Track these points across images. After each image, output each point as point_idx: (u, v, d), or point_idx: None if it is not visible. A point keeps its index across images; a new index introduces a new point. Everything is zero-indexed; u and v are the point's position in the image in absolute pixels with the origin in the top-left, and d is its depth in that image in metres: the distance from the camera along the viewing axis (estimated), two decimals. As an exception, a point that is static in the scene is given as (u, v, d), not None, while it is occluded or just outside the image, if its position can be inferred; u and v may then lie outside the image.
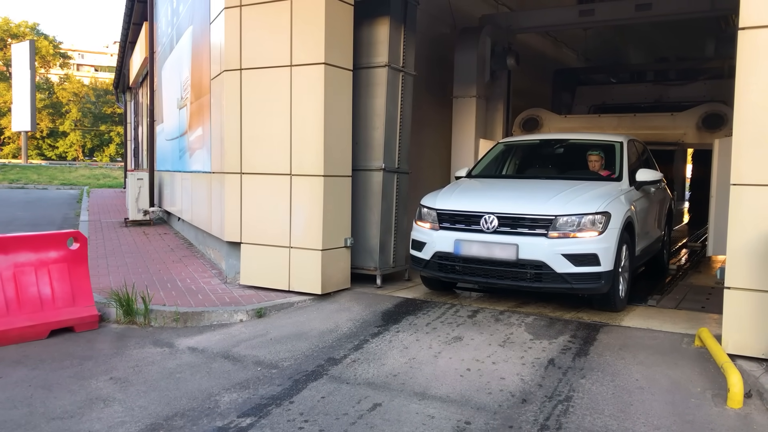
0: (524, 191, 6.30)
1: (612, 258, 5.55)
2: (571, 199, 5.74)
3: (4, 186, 27.22)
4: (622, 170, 6.58)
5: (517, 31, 10.72)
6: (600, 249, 5.48)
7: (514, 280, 5.67)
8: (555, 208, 5.61)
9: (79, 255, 5.65)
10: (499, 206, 5.81)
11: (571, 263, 5.44)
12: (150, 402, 3.96)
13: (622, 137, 7.10)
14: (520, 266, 5.58)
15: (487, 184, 6.86)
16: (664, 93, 13.07)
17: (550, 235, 5.52)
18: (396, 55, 7.16)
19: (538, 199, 5.83)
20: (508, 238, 5.61)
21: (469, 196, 6.38)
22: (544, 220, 5.57)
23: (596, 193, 5.90)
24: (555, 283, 5.52)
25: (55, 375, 4.42)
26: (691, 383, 4.27)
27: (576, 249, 5.47)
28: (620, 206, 5.84)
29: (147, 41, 13.91)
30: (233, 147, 6.98)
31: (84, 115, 65.90)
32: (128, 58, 21.47)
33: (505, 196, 6.21)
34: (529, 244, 5.53)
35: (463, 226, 5.92)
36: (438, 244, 6.00)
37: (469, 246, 5.77)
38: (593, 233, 5.52)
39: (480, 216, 5.79)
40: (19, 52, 46.42)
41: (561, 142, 7.80)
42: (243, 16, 6.82)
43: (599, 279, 5.49)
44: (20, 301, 5.20)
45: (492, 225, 5.70)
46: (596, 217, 5.55)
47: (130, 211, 12.99)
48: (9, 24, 64.10)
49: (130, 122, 26.19)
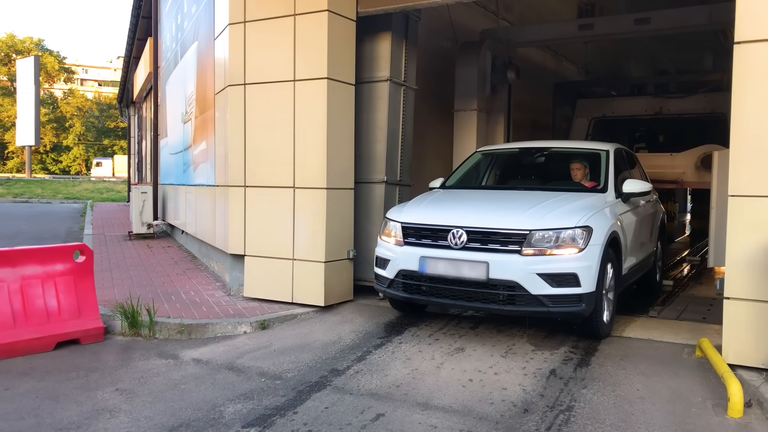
0: (498, 203, 5.81)
1: (594, 278, 5.01)
2: (549, 211, 5.21)
3: (9, 200, 27.36)
4: (607, 181, 6.06)
5: (517, 45, 10.83)
6: (580, 268, 4.93)
7: (484, 302, 5.10)
8: (530, 222, 5.07)
9: (85, 268, 5.71)
10: (469, 219, 5.27)
11: (547, 284, 4.89)
12: (155, 413, 4.00)
13: (609, 145, 6.61)
14: (491, 287, 5.00)
15: (459, 195, 6.27)
16: (664, 105, 13.17)
17: (525, 252, 4.97)
18: (397, 69, 7.26)
19: (512, 211, 5.33)
20: (477, 255, 5.06)
21: (438, 208, 5.83)
22: (518, 235, 5.02)
23: (577, 206, 5.37)
24: (530, 306, 4.95)
25: (61, 386, 4.46)
26: (691, 393, 4.30)
27: (553, 268, 4.92)
28: (604, 220, 5.32)
29: (151, 56, 14.07)
30: (237, 160, 7.07)
31: (87, 130, 66.24)
32: (132, 73, 21.66)
33: (477, 208, 5.66)
34: (501, 262, 4.98)
35: (430, 241, 5.36)
36: (402, 262, 5.43)
37: (435, 264, 5.20)
38: (573, 250, 4.97)
39: (447, 230, 5.25)
40: (24, 68, 46.83)
41: (542, 151, 7.17)
42: (247, 32, 6.93)
43: (579, 301, 4.94)
44: (27, 314, 5.25)
45: (460, 240, 5.16)
46: (576, 232, 5.01)
47: (134, 224, 13.07)
48: (14, 40, 64.65)
49: (133, 136, 26.34)
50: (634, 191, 6.08)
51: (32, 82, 45.54)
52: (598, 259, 5.05)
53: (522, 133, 11.95)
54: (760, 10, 4.48)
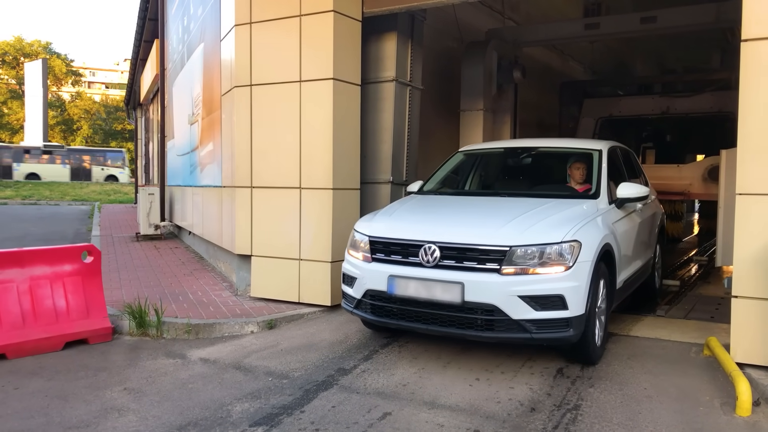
0: (476, 213, 5.20)
1: (584, 299, 4.44)
2: (532, 224, 4.63)
3: (17, 202, 27.52)
4: (599, 185, 5.49)
5: (523, 45, 10.82)
6: (568, 288, 4.36)
7: (459, 327, 4.49)
8: (510, 237, 4.49)
9: (93, 268, 5.75)
10: (442, 233, 4.70)
11: (530, 307, 4.32)
12: (163, 412, 4.02)
13: (602, 144, 6.08)
14: (467, 310, 4.42)
15: (435, 203, 5.76)
16: (671, 105, 13.13)
17: (504, 271, 4.38)
18: (403, 69, 7.27)
19: (491, 224, 4.74)
20: (451, 275, 4.48)
21: (409, 219, 5.29)
22: (497, 251, 4.44)
23: (564, 216, 4.80)
24: (510, 333, 4.37)
25: (70, 385, 4.49)
26: (699, 392, 4.29)
27: (537, 289, 4.34)
28: (595, 232, 4.74)
29: (158, 58, 14.12)
30: (243, 161, 7.09)
31: (95, 132, 66.52)
32: (139, 75, 21.77)
33: (452, 219, 5.12)
34: (478, 282, 4.40)
35: (400, 258, 4.78)
36: (369, 281, 4.85)
37: (406, 284, 4.62)
38: (559, 268, 4.39)
39: (419, 246, 4.67)
40: (32, 71, 47.14)
41: (528, 151, 6.61)
42: (253, 33, 6.95)
43: (567, 326, 4.37)
44: (36, 314, 5.29)
45: (433, 257, 4.59)
46: (563, 248, 4.43)
47: (142, 225, 13.12)
48: (22, 43, 65.03)
49: (140, 138, 26.48)
50: (629, 196, 5.50)
51: (40, 85, 45.84)
52: (588, 278, 4.48)
53: (528, 132, 11.95)
54: (767, 7, 4.46)
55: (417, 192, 6.14)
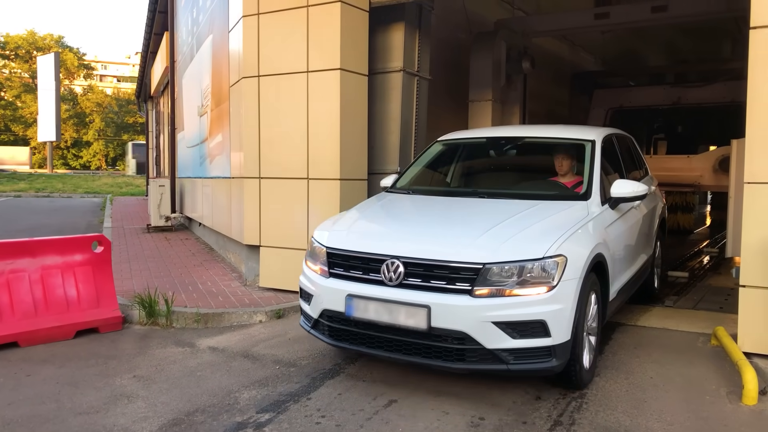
0: (449, 220, 4.56)
1: (569, 323, 3.82)
2: (511, 235, 3.98)
3: (31, 195, 27.81)
4: (591, 183, 4.78)
5: (532, 35, 10.77)
6: (550, 313, 3.74)
7: (425, 356, 3.88)
8: (484, 251, 3.84)
9: (103, 258, 5.81)
10: (408, 246, 4.06)
11: (506, 335, 3.71)
12: (172, 398, 4.07)
13: (595, 133, 5.35)
14: (434, 338, 3.81)
15: (405, 205, 5.14)
16: (682, 95, 13.04)
17: (477, 292, 3.75)
18: (411, 59, 7.26)
19: (463, 235, 4.10)
20: (417, 296, 3.86)
21: (373, 227, 4.70)
22: (468, 269, 3.80)
23: (548, 225, 4.16)
24: (484, 364, 3.77)
25: (81, 373, 4.56)
26: (706, 381, 4.29)
27: (514, 314, 3.72)
28: (584, 242, 4.12)
29: (168, 51, 14.18)
30: (252, 152, 7.13)
31: (107, 125, 66.97)
32: (149, 67, 21.86)
33: (420, 229, 4.49)
34: (446, 306, 3.77)
35: (360, 274, 4.13)
36: (326, 299, 4.23)
37: (365, 305, 3.99)
38: (541, 289, 3.76)
39: (381, 261, 4.03)
40: (45, 65, 47.45)
41: (513, 141, 5.93)
42: (261, 24, 6.97)
43: (549, 356, 3.77)
44: (48, 303, 5.36)
45: (396, 275, 3.95)
46: (546, 264, 3.79)
47: (152, 217, 13.23)
48: (35, 37, 65.50)
49: (151, 131, 26.62)
50: (625, 195, 4.80)
51: (53, 79, 46.14)
52: (574, 299, 3.86)
53: (538, 123, 11.90)
54: (776, -6, 4.42)
55: (390, 188, 5.51)
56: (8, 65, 66.22)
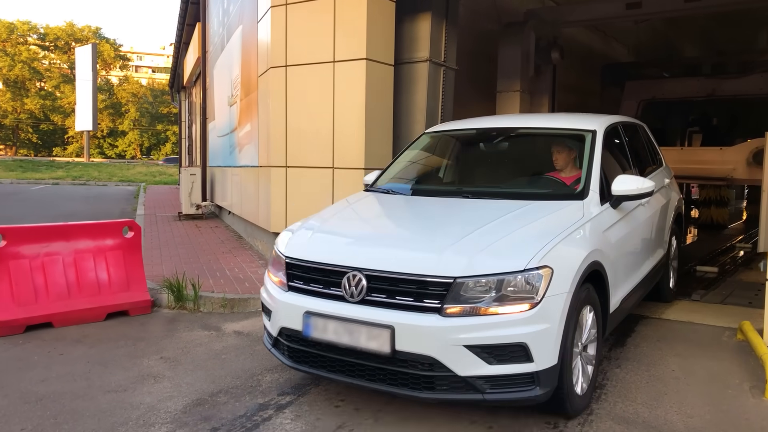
0: (423, 225, 4.12)
1: (555, 345, 3.27)
2: (488, 243, 3.42)
3: (68, 182, 28.57)
4: (589, 180, 4.20)
5: (562, 26, 10.65)
6: (533, 334, 3.19)
7: (391, 384, 3.33)
8: (455, 263, 3.28)
9: (134, 243, 5.97)
10: (373, 256, 3.54)
11: (481, 360, 3.17)
12: (196, 379, 4.19)
13: (598, 122, 4.73)
14: (399, 363, 3.27)
15: (380, 206, 4.63)
16: (717, 87, 12.72)
17: (448, 310, 3.20)
18: (437, 49, 7.26)
19: (435, 243, 3.55)
20: (380, 315, 3.31)
21: (337, 234, 4.12)
22: (437, 283, 3.25)
23: (534, 230, 3.60)
24: (455, 393, 3.22)
25: (111, 353, 4.71)
26: (729, 375, 4.24)
27: (490, 336, 3.17)
28: (576, 250, 3.57)
29: (200, 41, 14.39)
30: (279, 141, 7.22)
31: (142, 115, 68.26)
32: (182, 58, 22.17)
33: (388, 236, 4.00)
34: (412, 326, 3.22)
35: (320, 287, 3.60)
36: (283, 316, 3.71)
37: (324, 324, 3.46)
38: (521, 306, 3.20)
39: (342, 273, 3.49)
40: (83, 56, 48.46)
41: (506, 132, 5.33)
42: (288, 14, 7.04)
43: (532, 383, 3.23)
44: (80, 285, 5.54)
45: (358, 290, 3.41)
46: (528, 277, 3.23)
47: (184, 205, 13.49)
48: (73, 28, 67.01)
49: (184, 121, 27.03)
50: (627, 193, 4.20)
51: (90, 69, 47.13)
52: (562, 315, 3.31)
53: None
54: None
55: (370, 186, 5.01)
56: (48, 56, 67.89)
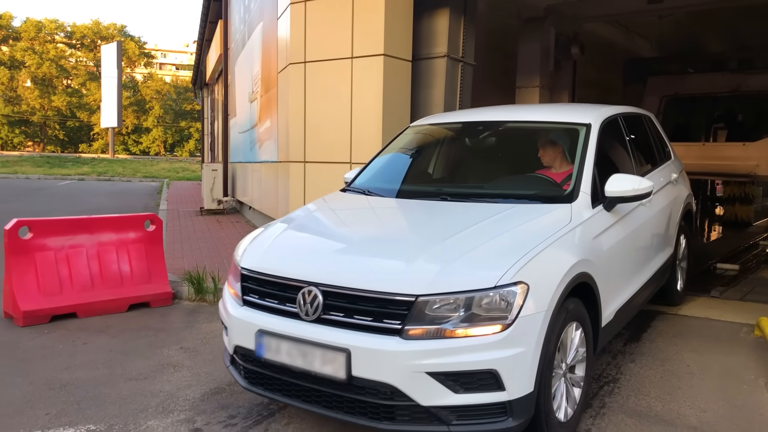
0: (392, 233, 3.72)
1: (531, 370, 2.87)
2: (458, 255, 3.01)
3: (93, 178, 29.08)
4: (579, 180, 3.75)
5: (583, 21, 10.58)
6: (504, 360, 2.79)
7: (349, 412, 2.96)
8: (419, 279, 2.88)
9: (155, 236, 6.10)
10: (331, 269, 3.12)
11: (447, 388, 2.78)
12: (215, 369, 4.28)
13: (593, 115, 4.27)
14: (357, 390, 2.88)
15: (348, 210, 4.23)
16: (742, 82, 12.52)
17: (410, 332, 2.81)
18: (455, 45, 7.27)
19: (400, 254, 3.18)
20: (336, 336, 2.91)
21: (297, 242, 3.65)
22: (398, 302, 2.85)
23: (510, 239, 3.15)
24: (418, 424, 2.84)
25: (132, 343, 4.83)
26: (744, 371, 4.22)
27: (456, 362, 2.77)
28: (558, 261, 3.14)
29: (221, 38, 14.55)
30: (297, 137, 7.30)
31: (165, 112, 69.12)
32: (205, 55, 22.42)
33: (351, 245, 3.51)
34: (369, 350, 2.83)
35: (276, 303, 3.20)
36: (236, 333, 3.32)
37: (277, 345, 3.07)
38: (492, 328, 2.79)
39: (298, 288, 3.10)
40: (108, 53, 49.25)
41: (494, 126, 4.84)
42: (307, 11, 7.11)
43: (503, 414, 2.85)
44: (103, 277, 5.68)
45: (314, 307, 3.01)
46: (500, 295, 2.82)
47: (205, 200, 13.68)
48: (99, 26, 68.07)
49: (206, 117, 27.34)
50: (622, 194, 3.74)
51: (115, 67, 47.88)
52: (539, 337, 2.89)
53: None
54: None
55: (348, 186, 4.63)
56: (75, 54, 69.02)
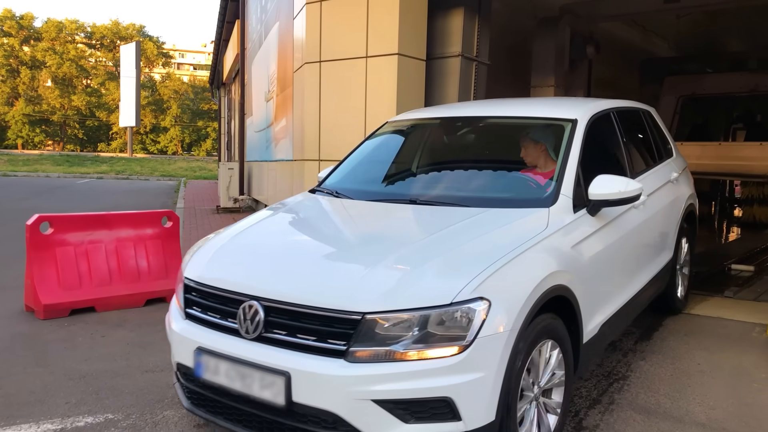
0: (348, 240, 3.41)
1: (493, 397, 2.56)
2: (412, 267, 2.70)
3: (112, 177, 29.45)
4: (560, 182, 3.43)
5: (598, 20, 10.54)
6: (460, 386, 2.48)
7: None
8: (367, 295, 2.57)
9: (172, 232, 6.20)
10: (274, 282, 2.83)
11: (395, 417, 2.49)
12: (229, 362, 4.37)
13: (580, 110, 3.94)
14: (298, 417, 2.60)
15: (309, 214, 3.87)
16: (761, 82, 12.40)
17: (356, 353, 2.51)
18: (470, 44, 7.30)
19: (349, 266, 2.90)
20: (276, 357, 2.62)
21: (244, 250, 3.29)
22: (343, 320, 2.54)
23: (474, 249, 2.84)
24: None
25: (149, 337, 4.93)
26: (756, 369, 4.22)
27: (406, 389, 2.47)
28: (526, 273, 2.80)
29: (238, 38, 14.69)
30: (312, 135, 7.38)
31: (183, 112, 69.75)
32: (222, 55, 22.64)
33: (300, 255, 3.13)
34: (310, 374, 2.53)
35: (218, 318, 2.91)
36: (177, 349, 3.07)
37: (216, 365, 2.79)
38: (447, 350, 2.49)
39: (239, 302, 2.80)
40: (127, 53, 49.81)
41: (475, 123, 4.49)
42: (323, 10, 7.18)
43: None
44: (121, 272, 5.79)
45: (254, 323, 2.71)
46: (457, 313, 2.51)
47: (222, 198, 13.83)
48: (118, 27, 68.87)
49: (223, 117, 27.58)
50: (608, 197, 3.42)
51: (134, 67, 48.42)
52: (502, 359, 2.57)
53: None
54: None
55: (318, 186, 4.34)
56: (94, 54, 69.87)
